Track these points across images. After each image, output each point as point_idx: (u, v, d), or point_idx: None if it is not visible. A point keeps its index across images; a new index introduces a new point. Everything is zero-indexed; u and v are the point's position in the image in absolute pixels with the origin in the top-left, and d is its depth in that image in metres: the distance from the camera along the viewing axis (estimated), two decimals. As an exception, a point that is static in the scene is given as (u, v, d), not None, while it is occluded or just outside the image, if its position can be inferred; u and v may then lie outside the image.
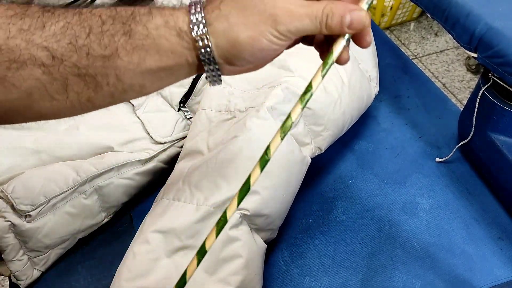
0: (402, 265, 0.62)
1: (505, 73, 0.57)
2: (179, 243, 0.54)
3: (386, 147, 0.77)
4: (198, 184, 0.57)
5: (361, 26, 0.33)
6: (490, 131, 0.66)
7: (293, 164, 0.61)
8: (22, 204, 0.61)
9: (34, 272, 0.66)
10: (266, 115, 0.60)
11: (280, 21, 0.32)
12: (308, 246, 0.66)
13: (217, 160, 0.58)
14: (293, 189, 0.62)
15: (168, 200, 0.58)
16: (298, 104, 0.34)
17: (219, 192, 0.55)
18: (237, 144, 0.58)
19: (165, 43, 0.32)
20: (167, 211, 0.57)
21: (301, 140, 0.64)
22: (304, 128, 0.64)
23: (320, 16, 0.33)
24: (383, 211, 0.68)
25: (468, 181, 0.71)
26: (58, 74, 0.32)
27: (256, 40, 0.33)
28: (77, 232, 0.66)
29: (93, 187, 0.65)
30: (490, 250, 0.63)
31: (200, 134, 0.65)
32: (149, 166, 0.70)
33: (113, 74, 0.33)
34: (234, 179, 0.56)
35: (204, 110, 0.68)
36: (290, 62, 0.66)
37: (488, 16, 0.58)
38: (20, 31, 0.31)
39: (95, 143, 0.69)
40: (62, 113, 0.35)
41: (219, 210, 0.55)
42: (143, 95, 0.36)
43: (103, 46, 0.32)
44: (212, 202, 0.55)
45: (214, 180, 0.56)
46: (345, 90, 0.68)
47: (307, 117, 0.64)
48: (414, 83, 0.87)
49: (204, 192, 0.56)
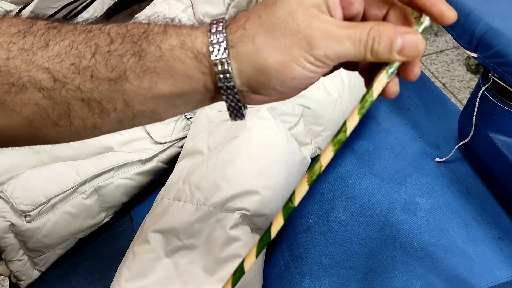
0: (402, 265, 0.62)
1: (505, 73, 0.57)
2: (179, 242, 0.54)
3: (386, 147, 0.77)
4: (198, 184, 0.57)
5: (415, 53, 0.28)
6: (490, 131, 0.66)
7: (293, 164, 0.61)
8: (22, 204, 0.61)
9: (34, 272, 0.66)
10: (266, 114, 0.60)
11: (317, 44, 0.27)
12: (308, 246, 0.66)
13: (217, 160, 0.58)
14: (293, 189, 0.62)
15: (168, 200, 0.58)
16: (329, 147, 0.30)
17: (219, 192, 0.55)
18: (237, 144, 0.58)
19: (180, 67, 0.28)
20: (167, 211, 0.57)
21: (301, 140, 0.64)
22: (304, 128, 0.64)
23: (365, 40, 0.28)
24: (383, 211, 0.68)
25: (468, 181, 0.71)
26: (60, 98, 0.29)
27: (286, 66, 0.28)
28: (77, 232, 0.66)
29: (93, 187, 0.65)
30: (490, 250, 0.63)
31: (200, 134, 0.65)
32: (149, 166, 0.70)
33: (120, 99, 0.29)
34: (234, 179, 0.56)
35: (205, 110, 0.68)
36: None
37: (488, 16, 0.58)
38: (21, 51, 0.28)
39: (95, 143, 0.69)
40: (68, 139, 0.32)
41: (219, 210, 0.55)
42: (157, 121, 0.32)
43: (109, 68, 0.28)
44: (212, 202, 0.55)
45: (214, 180, 0.56)
46: (346, 90, 0.68)
47: (307, 117, 0.64)
48: (414, 83, 0.87)
49: (204, 192, 0.56)
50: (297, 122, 0.64)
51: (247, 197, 0.55)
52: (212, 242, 0.54)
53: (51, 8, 0.87)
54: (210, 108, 0.67)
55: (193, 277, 0.53)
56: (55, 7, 0.87)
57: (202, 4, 0.87)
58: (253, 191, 0.55)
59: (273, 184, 0.57)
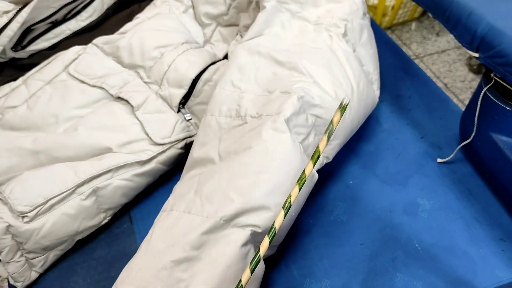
0: (403, 267, 0.62)
1: (507, 73, 0.57)
2: (183, 253, 0.52)
3: (387, 147, 0.77)
4: (209, 196, 0.55)
5: None
6: (492, 131, 0.65)
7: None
8: (20, 205, 0.61)
9: (32, 274, 0.65)
10: (284, 127, 0.57)
11: None
12: (308, 247, 0.66)
13: (231, 171, 0.56)
14: (300, 205, 0.60)
15: (178, 212, 0.56)
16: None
17: (230, 205, 0.53)
18: (252, 156, 0.56)
19: None
20: (177, 224, 0.54)
21: (311, 151, 0.61)
22: (315, 139, 0.62)
23: None
24: (384, 212, 0.68)
25: (469, 181, 0.71)
26: None
27: None
28: (76, 234, 0.66)
29: (91, 188, 0.65)
30: (491, 251, 0.63)
31: (211, 142, 0.63)
32: (148, 167, 0.70)
33: None
34: (246, 192, 0.53)
35: (214, 116, 0.65)
36: (301, 65, 0.64)
37: (490, 16, 0.58)
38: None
39: (93, 144, 0.69)
40: None
41: (228, 224, 0.53)
42: None
43: None
44: (222, 214, 0.52)
45: (226, 192, 0.54)
46: (355, 97, 0.66)
47: (318, 127, 0.62)
48: (415, 83, 0.87)
49: (215, 205, 0.53)
50: (309, 133, 0.61)
51: (259, 213, 0.53)
52: (220, 257, 0.52)
53: (51, 8, 0.87)
54: (220, 114, 0.65)
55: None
56: (55, 7, 0.87)
57: (203, 5, 0.87)
58: (265, 207, 0.53)
59: (283, 201, 0.54)
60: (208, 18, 0.88)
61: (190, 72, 0.74)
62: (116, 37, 0.81)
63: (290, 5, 0.73)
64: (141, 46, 0.78)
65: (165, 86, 0.75)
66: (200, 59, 0.77)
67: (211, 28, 0.88)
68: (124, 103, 0.74)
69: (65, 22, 0.90)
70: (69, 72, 0.77)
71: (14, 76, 0.82)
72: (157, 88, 0.76)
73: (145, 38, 0.78)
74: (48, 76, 0.77)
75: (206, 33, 0.88)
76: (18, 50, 0.85)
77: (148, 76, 0.77)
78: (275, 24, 0.72)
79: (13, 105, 0.74)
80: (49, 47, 0.89)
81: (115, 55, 0.80)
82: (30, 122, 0.72)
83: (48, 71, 0.78)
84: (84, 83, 0.76)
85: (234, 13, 0.86)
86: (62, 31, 0.90)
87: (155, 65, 0.77)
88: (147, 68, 0.77)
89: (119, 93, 0.74)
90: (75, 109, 0.73)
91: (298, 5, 0.73)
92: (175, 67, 0.75)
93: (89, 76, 0.76)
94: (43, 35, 0.88)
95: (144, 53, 0.77)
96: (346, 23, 0.71)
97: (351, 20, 0.72)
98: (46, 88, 0.76)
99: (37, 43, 0.88)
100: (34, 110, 0.73)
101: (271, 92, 0.63)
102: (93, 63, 0.78)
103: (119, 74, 0.77)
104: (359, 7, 0.73)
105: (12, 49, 0.85)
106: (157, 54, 0.77)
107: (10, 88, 0.78)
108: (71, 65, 0.78)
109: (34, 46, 0.87)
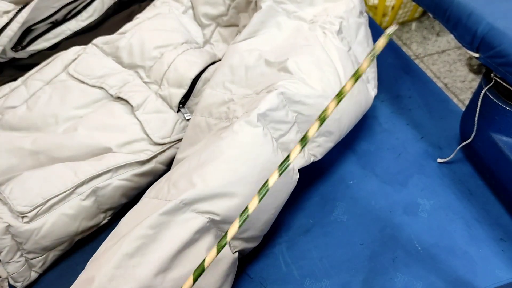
0: (403, 267, 0.62)
1: (507, 73, 0.57)
2: (140, 231, 0.51)
3: (387, 147, 0.77)
4: (176, 181, 0.55)
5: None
6: (492, 131, 0.65)
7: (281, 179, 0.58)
8: (20, 205, 0.61)
9: (32, 274, 0.65)
10: (255, 120, 0.58)
11: None
12: (308, 247, 0.66)
13: (199, 159, 0.56)
14: (277, 203, 0.60)
15: (148, 198, 0.57)
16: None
17: (191, 189, 0.53)
18: (221, 145, 0.56)
19: None
20: (143, 208, 0.56)
21: (292, 148, 0.61)
22: (296, 136, 0.62)
23: None
24: (385, 212, 0.68)
25: (470, 182, 0.71)
26: None
27: None
28: (75, 234, 0.66)
29: (91, 188, 0.65)
30: (492, 251, 0.63)
31: (199, 143, 0.63)
32: (147, 167, 0.70)
33: None
34: (208, 178, 0.54)
35: (204, 117, 0.66)
36: (289, 63, 0.64)
37: (490, 16, 0.58)
38: None
39: (93, 144, 0.69)
40: None
41: (188, 208, 0.53)
42: None
43: None
44: (183, 198, 0.53)
45: (190, 177, 0.54)
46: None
47: (301, 124, 0.62)
48: (415, 84, 0.87)
49: (179, 190, 0.54)
50: (288, 130, 0.61)
51: (219, 201, 0.54)
52: (174, 239, 0.52)
53: (51, 8, 0.86)
54: (211, 115, 0.65)
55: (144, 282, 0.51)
56: (55, 7, 0.87)
57: (203, 5, 0.87)
58: (226, 194, 0.54)
59: (249, 193, 0.55)
60: (207, 18, 0.88)
61: (190, 72, 0.74)
62: (116, 37, 0.81)
63: (287, 5, 0.73)
64: (141, 46, 0.78)
65: (165, 86, 0.75)
66: (200, 59, 0.77)
67: (211, 28, 0.88)
68: (123, 103, 0.73)
69: (65, 22, 0.90)
70: (68, 72, 0.77)
71: (14, 76, 0.82)
72: (156, 88, 0.76)
73: (145, 38, 0.78)
74: (48, 76, 0.77)
75: (205, 33, 0.88)
76: (18, 50, 0.85)
77: (148, 76, 0.77)
78: (271, 25, 0.72)
79: (13, 105, 0.74)
80: (49, 47, 0.89)
81: (115, 55, 0.79)
82: (30, 122, 0.72)
83: (47, 71, 0.78)
84: (83, 83, 0.76)
85: (233, 14, 0.85)
86: (62, 31, 0.90)
87: (155, 65, 0.77)
88: (147, 68, 0.77)
89: (118, 93, 0.74)
90: (74, 109, 0.73)
91: (295, 5, 0.73)
92: (175, 67, 0.75)
93: (89, 76, 0.76)
94: (43, 35, 0.88)
95: (144, 53, 0.77)
96: (342, 20, 0.70)
97: (347, 18, 0.71)
98: (45, 88, 0.76)
99: (37, 43, 0.87)
100: (33, 110, 0.73)
101: (258, 93, 0.63)
102: (93, 63, 0.78)
103: (119, 74, 0.77)
104: (356, 5, 0.73)
105: (12, 49, 0.85)
106: (157, 54, 0.77)
107: (10, 89, 0.78)
108: (71, 65, 0.78)
109: (34, 46, 0.87)
